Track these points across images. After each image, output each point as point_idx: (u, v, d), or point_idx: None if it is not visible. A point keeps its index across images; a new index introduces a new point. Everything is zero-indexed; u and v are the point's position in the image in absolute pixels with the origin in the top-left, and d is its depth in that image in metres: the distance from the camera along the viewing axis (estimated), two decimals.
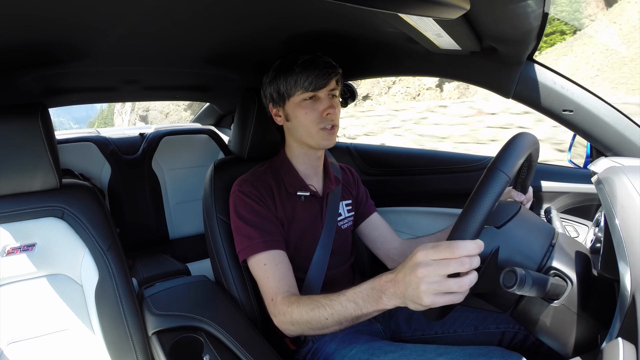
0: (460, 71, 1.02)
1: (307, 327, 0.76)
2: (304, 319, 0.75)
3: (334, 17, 0.84)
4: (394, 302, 0.62)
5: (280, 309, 0.80)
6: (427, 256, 0.56)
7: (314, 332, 0.76)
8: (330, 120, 0.91)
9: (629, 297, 0.48)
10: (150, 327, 0.88)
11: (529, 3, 0.57)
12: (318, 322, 0.73)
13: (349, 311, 0.68)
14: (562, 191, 1.12)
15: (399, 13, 0.59)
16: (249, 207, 0.90)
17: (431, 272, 0.55)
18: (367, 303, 0.66)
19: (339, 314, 0.70)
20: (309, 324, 0.75)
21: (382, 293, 0.64)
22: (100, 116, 66.62)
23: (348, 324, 0.71)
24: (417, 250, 0.58)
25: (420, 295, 0.56)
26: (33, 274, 0.86)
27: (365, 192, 1.16)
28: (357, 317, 0.69)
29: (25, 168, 0.85)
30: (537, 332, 0.64)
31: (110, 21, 0.77)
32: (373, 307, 0.65)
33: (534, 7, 0.59)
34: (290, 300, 0.79)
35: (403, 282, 0.59)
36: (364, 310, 0.67)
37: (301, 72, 0.89)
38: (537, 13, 0.62)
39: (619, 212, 0.55)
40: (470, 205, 0.55)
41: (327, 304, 0.72)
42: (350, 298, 0.68)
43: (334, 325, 0.72)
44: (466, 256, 0.54)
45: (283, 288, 0.83)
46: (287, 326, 0.79)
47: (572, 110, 0.90)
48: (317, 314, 0.72)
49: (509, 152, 0.59)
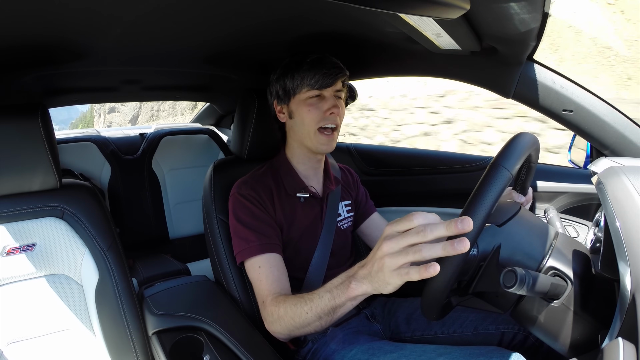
0: (460, 71, 1.02)
1: (291, 325, 0.75)
2: (288, 315, 0.75)
3: (334, 18, 0.84)
4: (362, 287, 0.61)
5: (269, 309, 0.80)
6: (392, 229, 0.55)
7: (298, 330, 0.76)
8: (332, 120, 0.91)
9: (629, 297, 0.48)
10: (151, 327, 0.88)
11: (529, 3, 0.58)
12: (299, 317, 0.73)
13: (325, 302, 0.68)
14: (562, 191, 1.12)
15: (399, 13, 0.59)
16: (248, 209, 0.90)
17: (393, 245, 0.53)
18: (339, 291, 0.65)
19: (316, 307, 0.70)
20: (292, 320, 0.75)
21: (352, 279, 0.63)
22: (83, 119, 66.49)
23: (327, 318, 0.70)
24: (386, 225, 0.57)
25: (384, 271, 0.55)
26: (33, 274, 0.86)
27: (365, 193, 1.16)
28: (332, 308, 0.68)
29: (25, 168, 0.85)
30: (537, 332, 0.64)
31: (110, 21, 0.77)
32: (345, 295, 0.64)
33: (534, 7, 0.59)
34: (279, 299, 0.80)
35: (371, 262, 0.58)
36: (337, 300, 0.66)
37: (309, 70, 0.89)
38: (537, 13, 0.62)
39: (619, 212, 0.55)
40: (472, 201, 0.55)
41: (309, 298, 0.72)
42: (327, 288, 0.69)
43: (314, 320, 0.71)
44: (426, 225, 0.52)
45: (274, 290, 0.83)
46: (275, 327, 0.79)
47: (572, 110, 0.90)
48: (299, 309, 0.73)
49: (511, 150, 0.59)
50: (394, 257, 0.53)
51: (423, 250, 0.51)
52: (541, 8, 0.61)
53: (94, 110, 42.61)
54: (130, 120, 29.07)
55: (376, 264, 0.57)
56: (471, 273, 0.63)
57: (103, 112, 36.51)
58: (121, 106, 31.34)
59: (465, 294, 0.64)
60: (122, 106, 31.26)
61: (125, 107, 30.69)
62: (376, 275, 0.57)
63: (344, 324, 0.94)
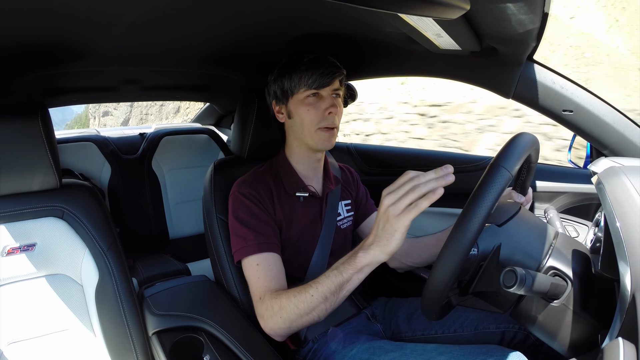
0: (460, 71, 1.02)
1: (294, 313, 0.75)
2: (291, 303, 0.76)
3: (334, 18, 0.84)
4: (370, 253, 0.67)
5: (268, 304, 0.80)
6: (389, 189, 0.64)
7: (301, 319, 0.75)
8: (331, 119, 0.91)
9: (629, 297, 0.48)
10: (151, 327, 0.88)
11: (529, 3, 0.58)
12: (303, 302, 0.74)
13: (332, 280, 0.71)
14: (562, 191, 1.12)
15: (399, 13, 0.59)
16: (247, 208, 0.90)
17: (392, 196, 0.62)
18: (346, 265, 0.70)
19: (323, 287, 0.72)
20: (296, 308, 0.75)
21: (359, 249, 0.68)
22: (78, 120, 66.31)
23: (333, 298, 0.72)
24: None
25: (390, 221, 0.62)
26: (33, 274, 0.86)
27: (365, 192, 1.16)
28: (339, 284, 0.71)
29: (25, 168, 0.85)
30: (537, 332, 0.64)
31: (110, 21, 0.77)
32: (352, 267, 0.69)
33: (533, 7, 0.59)
34: (278, 292, 0.80)
35: (376, 224, 0.65)
36: (345, 275, 0.70)
37: (306, 70, 0.89)
38: (537, 13, 0.62)
39: (619, 212, 0.55)
40: (472, 201, 0.55)
41: (314, 281, 0.74)
42: (334, 267, 0.73)
43: (320, 302, 0.73)
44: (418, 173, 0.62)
45: (273, 287, 0.83)
46: (273, 321, 0.78)
47: (572, 111, 0.90)
48: (303, 295, 0.74)
49: (510, 150, 0.59)
50: (396, 204, 0.62)
51: (420, 187, 0.61)
52: (541, 8, 0.62)
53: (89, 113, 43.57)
54: (122, 122, 30.32)
55: (381, 221, 0.64)
56: (471, 273, 0.64)
57: (98, 115, 37.57)
58: (114, 110, 33.17)
59: (466, 294, 0.65)
60: (114, 110, 33.07)
61: (118, 110, 32.60)
62: (382, 232, 0.64)
63: (345, 324, 0.94)
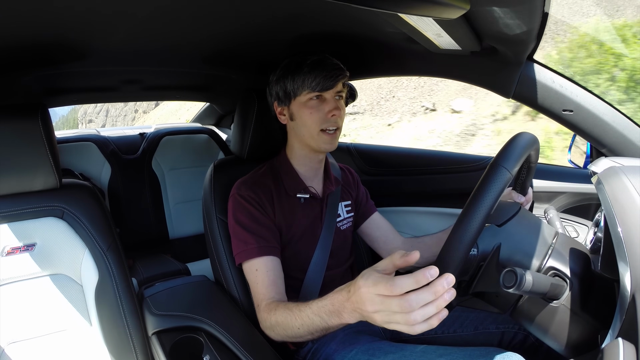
0: (460, 71, 1.02)
1: (285, 335, 0.77)
2: (280, 326, 0.76)
3: (334, 18, 0.84)
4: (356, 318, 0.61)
5: (263, 315, 0.82)
6: (369, 292, 0.55)
7: (293, 339, 0.78)
8: (333, 122, 0.91)
9: (629, 297, 0.48)
10: (150, 327, 0.88)
11: (529, 3, 0.58)
12: (292, 330, 0.73)
13: (317, 324, 0.68)
14: (562, 191, 1.12)
15: (399, 13, 0.59)
16: (247, 211, 0.90)
17: (377, 307, 0.54)
18: (331, 318, 0.65)
19: (308, 326, 0.70)
20: (285, 332, 0.75)
21: (341, 311, 0.63)
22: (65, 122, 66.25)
23: (320, 334, 0.71)
24: (359, 280, 0.57)
25: (379, 324, 0.55)
26: (33, 274, 0.86)
27: (366, 193, 1.16)
28: (325, 328, 0.68)
29: (26, 168, 0.85)
30: (536, 332, 0.64)
31: (110, 21, 0.77)
32: (338, 321, 0.65)
33: (533, 7, 0.59)
34: (271, 307, 0.80)
35: (359, 310, 0.58)
36: (330, 324, 0.66)
37: (309, 72, 0.89)
38: (536, 13, 0.62)
39: (619, 212, 0.55)
40: (472, 202, 0.55)
41: (298, 314, 0.72)
42: (315, 312, 0.68)
43: (307, 334, 0.72)
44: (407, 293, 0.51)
45: (269, 295, 0.84)
46: (269, 332, 0.81)
47: (572, 110, 0.90)
48: (291, 323, 0.73)
49: (510, 150, 0.59)
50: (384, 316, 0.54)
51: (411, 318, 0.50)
52: (541, 8, 0.62)
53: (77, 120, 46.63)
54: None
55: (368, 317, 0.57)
56: (471, 273, 0.64)
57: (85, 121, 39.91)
58: (95, 118, 37.48)
59: (465, 294, 0.64)
60: (95, 118, 37.25)
61: (99, 118, 36.86)
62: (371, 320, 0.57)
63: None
